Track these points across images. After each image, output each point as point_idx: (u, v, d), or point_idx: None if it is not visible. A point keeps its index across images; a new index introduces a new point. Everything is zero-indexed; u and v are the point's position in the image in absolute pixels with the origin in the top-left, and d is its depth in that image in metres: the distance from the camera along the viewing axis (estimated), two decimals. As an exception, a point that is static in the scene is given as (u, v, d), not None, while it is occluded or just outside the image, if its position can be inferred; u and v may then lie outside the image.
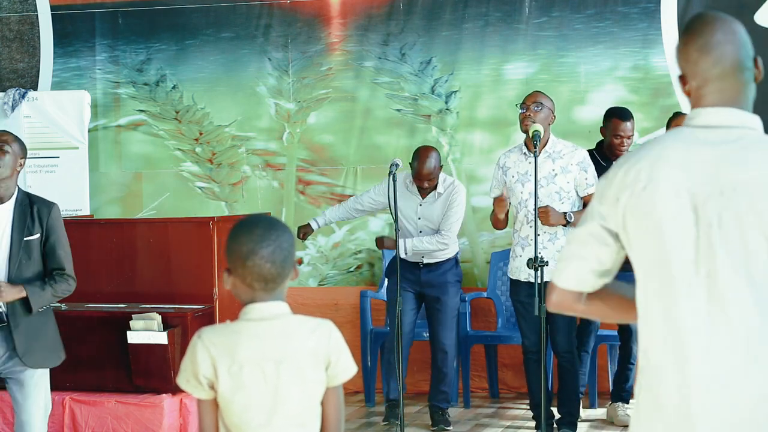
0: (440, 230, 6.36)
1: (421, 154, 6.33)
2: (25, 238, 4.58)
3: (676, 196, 2.24)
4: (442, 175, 6.44)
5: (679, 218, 2.24)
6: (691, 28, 2.35)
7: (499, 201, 5.87)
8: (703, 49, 2.32)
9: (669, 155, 2.28)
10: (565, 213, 5.76)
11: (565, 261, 2.41)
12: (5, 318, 4.56)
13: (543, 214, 5.67)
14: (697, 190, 2.24)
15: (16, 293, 4.53)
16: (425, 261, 6.43)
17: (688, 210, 2.23)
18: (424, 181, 6.34)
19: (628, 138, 6.33)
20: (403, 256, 6.26)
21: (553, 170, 5.81)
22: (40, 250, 4.63)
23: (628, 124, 6.33)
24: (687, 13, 7.08)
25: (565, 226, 5.78)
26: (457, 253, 6.59)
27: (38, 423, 4.64)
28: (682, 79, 2.37)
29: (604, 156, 6.37)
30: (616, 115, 6.37)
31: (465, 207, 6.50)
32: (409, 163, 6.39)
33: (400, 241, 6.23)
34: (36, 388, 4.64)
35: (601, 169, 6.25)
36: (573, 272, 2.38)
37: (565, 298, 2.41)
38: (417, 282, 6.44)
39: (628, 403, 6.44)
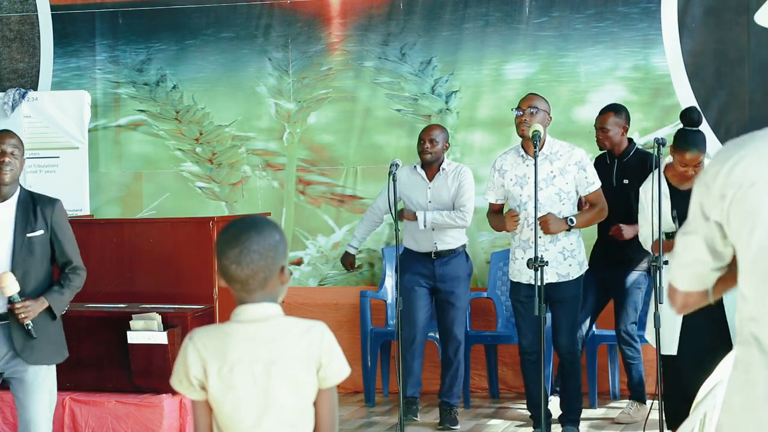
0: (456, 207, 6.41)
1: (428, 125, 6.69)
2: (27, 235, 4.61)
3: None
4: (447, 161, 6.53)
5: None
6: None
7: (511, 216, 5.81)
8: None
9: None
10: (566, 218, 5.73)
11: (682, 267, 2.43)
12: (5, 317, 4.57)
13: (543, 224, 5.62)
14: None
15: (40, 306, 4.59)
16: (438, 248, 6.43)
17: None
18: (426, 142, 6.41)
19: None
20: (421, 227, 6.37)
21: (552, 172, 5.78)
22: (47, 246, 4.66)
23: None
24: (687, 13, 7.08)
25: (567, 231, 5.75)
26: (466, 246, 6.59)
27: (43, 421, 4.63)
28: None
29: (612, 156, 6.40)
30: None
31: (474, 188, 6.53)
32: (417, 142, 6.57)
33: (419, 214, 6.37)
34: (40, 387, 4.63)
35: (606, 168, 6.28)
36: (693, 276, 2.42)
37: (691, 299, 2.46)
38: (431, 276, 6.45)
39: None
